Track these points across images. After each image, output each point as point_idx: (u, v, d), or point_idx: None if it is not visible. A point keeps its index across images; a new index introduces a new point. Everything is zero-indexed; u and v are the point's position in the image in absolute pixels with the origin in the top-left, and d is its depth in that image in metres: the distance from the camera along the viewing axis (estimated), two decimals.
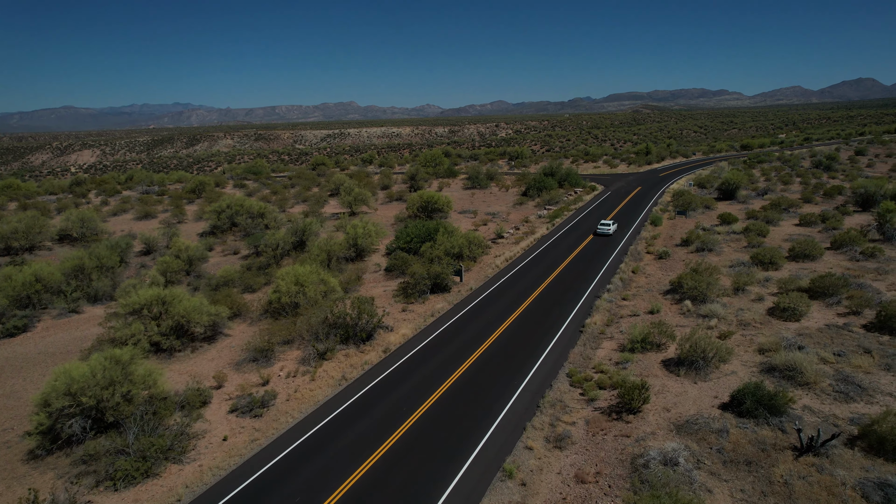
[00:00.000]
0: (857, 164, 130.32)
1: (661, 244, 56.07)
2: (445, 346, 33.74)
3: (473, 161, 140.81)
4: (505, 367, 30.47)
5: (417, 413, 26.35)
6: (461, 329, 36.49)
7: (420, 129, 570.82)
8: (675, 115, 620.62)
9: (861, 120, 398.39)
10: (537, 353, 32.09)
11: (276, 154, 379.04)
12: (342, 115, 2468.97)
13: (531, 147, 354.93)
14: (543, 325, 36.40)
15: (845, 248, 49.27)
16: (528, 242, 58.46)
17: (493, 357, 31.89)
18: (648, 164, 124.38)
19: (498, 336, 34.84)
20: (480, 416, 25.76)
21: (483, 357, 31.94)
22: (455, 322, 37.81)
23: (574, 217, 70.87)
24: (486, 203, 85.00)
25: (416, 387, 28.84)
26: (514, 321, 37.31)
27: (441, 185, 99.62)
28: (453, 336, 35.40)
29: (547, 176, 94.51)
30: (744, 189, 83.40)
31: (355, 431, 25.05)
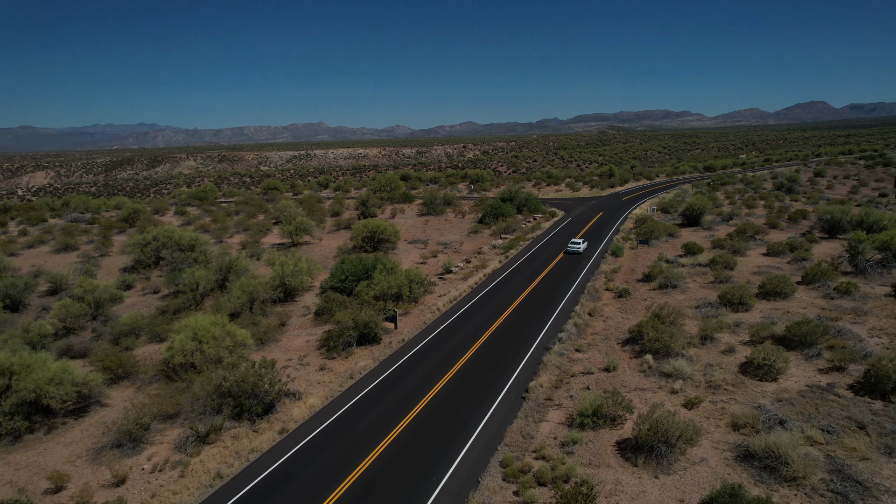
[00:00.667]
0: (817, 186, 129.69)
1: (621, 279, 51.17)
2: (356, 423, 27.61)
3: (433, 185, 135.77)
4: (424, 457, 24.46)
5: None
6: (381, 397, 30.41)
7: (387, 151, 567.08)
8: (639, 135, 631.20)
9: (815, 141, 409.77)
10: (467, 433, 26.20)
11: (237, 176, 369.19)
12: (311, 135, 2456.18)
13: (497, 168, 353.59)
14: (479, 390, 30.58)
15: (817, 283, 45.11)
16: (477, 278, 52.95)
17: (413, 440, 25.89)
18: (612, 188, 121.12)
19: (423, 408, 28.87)
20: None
21: (400, 440, 25.91)
22: (376, 387, 31.71)
23: (530, 247, 65.79)
24: (439, 231, 79.53)
25: (307, 488, 22.60)
26: (447, 385, 31.42)
27: (394, 211, 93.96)
28: (369, 407, 29.30)
29: (504, 202, 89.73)
30: (708, 214, 79.94)
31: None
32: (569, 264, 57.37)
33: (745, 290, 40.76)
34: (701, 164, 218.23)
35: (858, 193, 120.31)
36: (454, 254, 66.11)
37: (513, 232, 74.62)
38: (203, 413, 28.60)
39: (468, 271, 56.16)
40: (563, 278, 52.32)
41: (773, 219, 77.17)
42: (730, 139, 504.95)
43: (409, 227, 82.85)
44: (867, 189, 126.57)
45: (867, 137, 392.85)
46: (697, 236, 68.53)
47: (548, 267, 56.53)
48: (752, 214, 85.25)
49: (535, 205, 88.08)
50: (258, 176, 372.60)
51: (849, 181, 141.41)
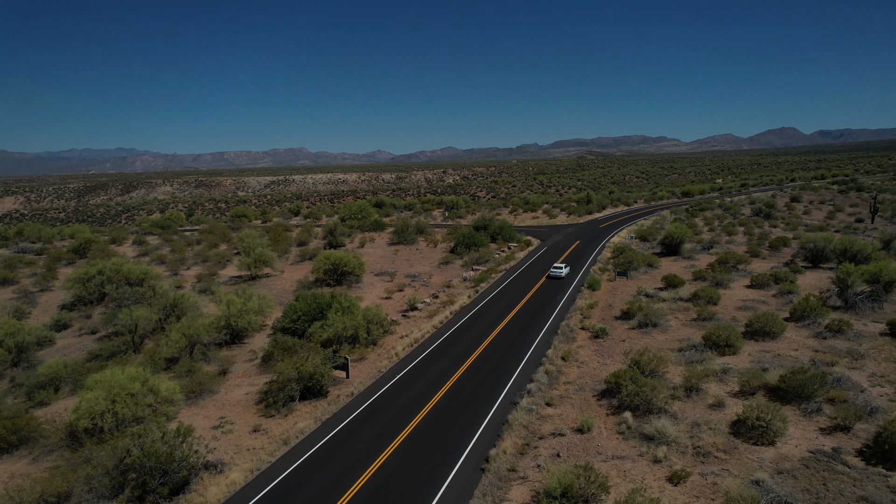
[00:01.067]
0: (794, 212, 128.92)
1: (598, 316, 47.39)
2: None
3: (408, 211, 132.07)
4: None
5: None
6: (317, 468, 25.85)
7: (367, 176, 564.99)
8: (618, 160, 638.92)
9: (788, 166, 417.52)
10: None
11: (212, 202, 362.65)
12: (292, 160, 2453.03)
13: (477, 193, 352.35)
14: (433, 459, 26.19)
15: (807, 320, 41.83)
16: (444, 316, 48.77)
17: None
18: (589, 214, 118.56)
19: (364, 483, 24.35)
20: None
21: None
22: (314, 455, 27.12)
23: (503, 280, 61.95)
24: (409, 262, 75.41)
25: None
26: (396, 451, 26.98)
27: (364, 240, 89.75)
28: (300, 483, 24.71)
29: (478, 230, 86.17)
30: (688, 242, 77.24)
31: None
32: (542, 299, 53.57)
33: (732, 331, 37.17)
34: (678, 188, 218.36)
35: (835, 219, 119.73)
36: (422, 287, 61.96)
37: (485, 263, 70.82)
38: (98, 497, 23.74)
39: (434, 308, 51.95)
40: (536, 315, 48.38)
41: (755, 247, 74.73)
42: (706, 164, 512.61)
43: (377, 258, 78.65)
44: (843, 214, 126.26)
45: (837, 163, 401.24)
46: (678, 266, 65.44)
47: (520, 302, 52.62)
48: (733, 242, 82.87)
49: (509, 233, 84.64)
50: (234, 201, 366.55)
51: (825, 206, 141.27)
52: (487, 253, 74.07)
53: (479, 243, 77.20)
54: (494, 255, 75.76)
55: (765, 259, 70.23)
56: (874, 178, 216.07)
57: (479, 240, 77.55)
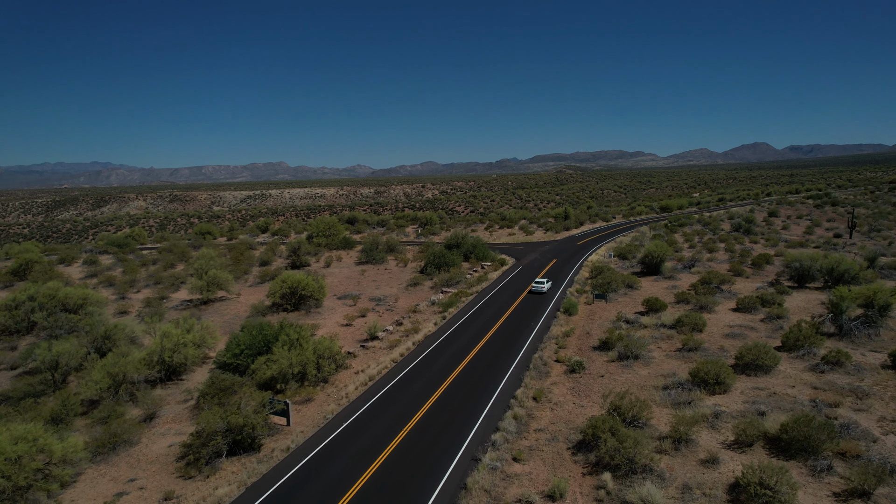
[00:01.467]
0: (773, 227, 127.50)
1: (574, 346, 43.23)
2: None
3: (381, 228, 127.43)
4: None
5: None
6: None
7: (345, 190, 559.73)
8: (596, 175, 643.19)
9: (763, 180, 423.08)
10: None
11: (185, 217, 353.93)
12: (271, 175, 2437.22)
13: (455, 208, 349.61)
14: None
15: (801, 350, 38.19)
16: (406, 347, 44.15)
17: None
18: (567, 230, 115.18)
19: None
20: None
21: None
22: None
23: (473, 304, 57.59)
24: (375, 283, 70.73)
25: None
26: None
27: (329, 259, 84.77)
28: None
29: (450, 249, 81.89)
30: (669, 260, 73.93)
31: None
32: (515, 326, 49.28)
33: (722, 367, 33.21)
34: (656, 202, 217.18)
35: (813, 234, 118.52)
36: (386, 312, 57.29)
37: (456, 284, 66.47)
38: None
39: (396, 338, 47.30)
40: (507, 345, 44.03)
41: (737, 265, 71.72)
42: (682, 178, 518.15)
43: (342, 279, 73.83)
44: (821, 229, 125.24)
45: (809, 177, 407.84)
46: (659, 287, 61.84)
47: (490, 329, 48.25)
48: (714, 259, 79.90)
49: (483, 252, 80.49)
50: (207, 216, 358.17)
51: (802, 221, 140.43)
52: (459, 273, 69.76)
53: (451, 263, 72.88)
54: (467, 275, 71.47)
55: (748, 278, 67.17)
56: (846, 193, 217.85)
57: (451, 259, 73.24)
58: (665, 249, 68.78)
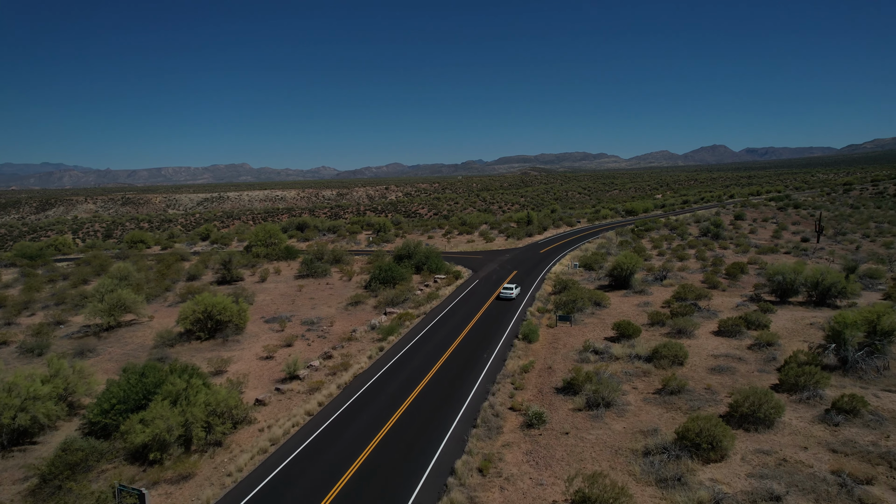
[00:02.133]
0: (741, 231, 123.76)
1: (532, 387, 35.68)
2: None
3: (331, 234, 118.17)
4: None
5: None
6: None
7: (307, 192, 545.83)
8: (560, 176, 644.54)
9: (723, 182, 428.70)
10: None
11: (135, 221, 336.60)
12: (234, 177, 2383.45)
13: (419, 210, 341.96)
14: None
15: (805, 392, 31.57)
16: (329, 391, 35.89)
17: None
18: (529, 236, 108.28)
19: None
20: None
21: None
22: None
23: (419, 329, 49.59)
24: (313, 301, 62.08)
25: None
26: None
27: (265, 273, 75.51)
28: None
29: (401, 260, 73.87)
30: (639, 271, 67.50)
31: None
32: (464, 360, 41.49)
33: (716, 424, 26.04)
34: (620, 204, 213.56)
35: (781, 238, 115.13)
36: (318, 340, 48.80)
37: (402, 303, 58.40)
38: None
39: (320, 378, 38.95)
40: (453, 387, 36.16)
41: (711, 276, 65.85)
42: (645, 180, 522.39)
43: (276, 297, 64.92)
44: (788, 233, 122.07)
45: (766, 179, 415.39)
46: (630, 304, 55.07)
47: (435, 365, 40.32)
48: (686, 269, 73.98)
49: (436, 263, 72.61)
50: (158, 221, 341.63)
51: (768, 224, 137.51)
52: (407, 289, 61.72)
53: (399, 277, 64.75)
54: (416, 291, 63.46)
55: (725, 291, 61.19)
56: (804, 195, 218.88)
57: (399, 273, 65.09)
58: (634, 261, 62.17)
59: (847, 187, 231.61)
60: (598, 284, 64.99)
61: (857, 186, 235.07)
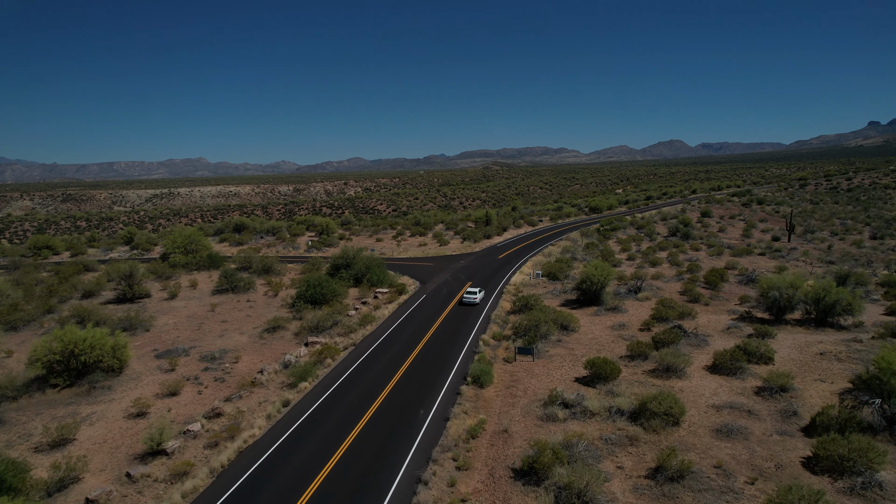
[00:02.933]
0: (710, 229, 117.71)
1: (481, 470, 25.97)
2: None
3: (270, 237, 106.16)
4: None
5: None
6: None
7: (262, 188, 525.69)
8: (522, 171, 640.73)
9: (681, 176, 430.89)
10: None
11: (71, 220, 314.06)
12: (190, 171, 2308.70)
13: (377, 207, 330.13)
14: None
15: (859, 475, 22.89)
16: (202, 478, 25.43)
17: None
18: (488, 238, 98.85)
19: None
20: None
21: None
22: None
23: (342, 369, 39.30)
24: (223, 326, 51.05)
25: None
26: None
27: (176, 288, 63.60)
28: None
29: (338, 270, 63.44)
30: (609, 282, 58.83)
31: None
32: (392, 422, 31.45)
33: None
34: (583, 199, 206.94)
35: (752, 237, 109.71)
36: (213, 384, 38.03)
37: (331, 328, 48.00)
38: None
39: (194, 454, 28.36)
40: (372, 473, 26.12)
41: (690, 285, 57.96)
42: (605, 174, 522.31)
43: (182, 319, 53.58)
44: (757, 231, 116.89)
45: (724, 173, 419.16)
46: (603, 327, 46.10)
47: (352, 433, 30.06)
48: (661, 277, 65.86)
49: (378, 275, 62.30)
50: (97, 220, 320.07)
51: (736, 221, 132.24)
52: (340, 309, 51.40)
53: (331, 294, 54.28)
54: (351, 311, 53.11)
55: (709, 305, 53.13)
56: (763, 189, 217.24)
57: (330, 289, 54.59)
58: (605, 272, 53.22)
59: (802, 182, 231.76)
60: (565, 299, 55.96)
61: (811, 181, 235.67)
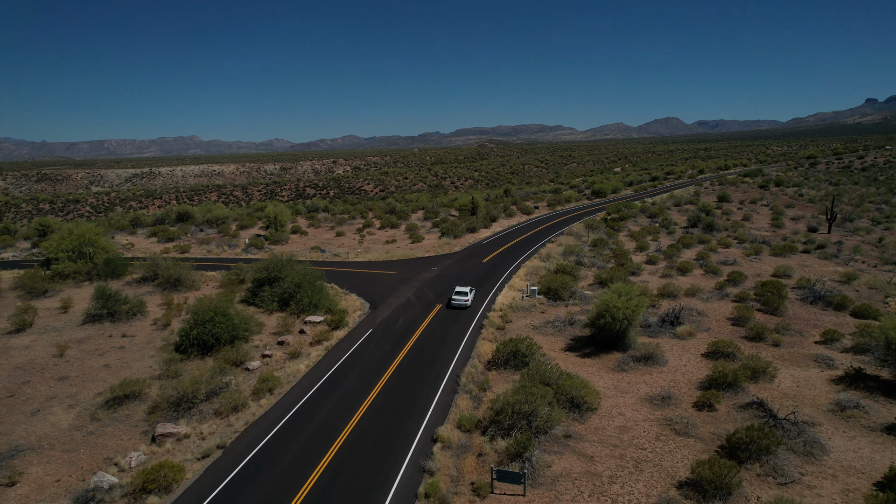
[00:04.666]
0: (732, 217, 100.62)
1: None
2: None
3: (211, 230, 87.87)
4: None
5: None
6: None
7: (247, 167, 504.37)
8: (517, 149, 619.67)
9: (680, 154, 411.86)
10: None
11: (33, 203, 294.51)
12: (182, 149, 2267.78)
13: (364, 187, 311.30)
14: None
15: None
16: None
17: None
18: (472, 232, 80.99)
19: None
20: None
21: None
22: None
23: (208, 488, 22.29)
24: (57, 388, 33.62)
25: None
26: None
27: (26, 317, 45.68)
28: None
29: (261, 287, 46.03)
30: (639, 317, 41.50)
31: None
32: None
33: None
34: (582, 179, 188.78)
35: (783, 226, 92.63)
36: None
37: (204, 402, 30.53)
38: None
39: None
40: None
41: (744, 310, 41.40)
42: (602, 152, 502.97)
43: (6, 372, 36.09)
44: (786, 219, 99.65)
45: (723, 151, 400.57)
46: (635, 401, 28.83)
47: None
48: (698, 293, 48.80)
49: (311, 296, 44.62)
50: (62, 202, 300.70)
51: (759, 207, 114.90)
52: (239, 357, 34.10)
53: (228, 334, 36.77)
54: (254, 360, 35.68)
55: (780, 347, 36.20)
56: (773, 169, 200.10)
57: (228, 327, 37.01)
58: (633, 302, 35.73)
59: (812, 161, 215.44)
60: (572, 336, 38.72)
61: (821, 160, 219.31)
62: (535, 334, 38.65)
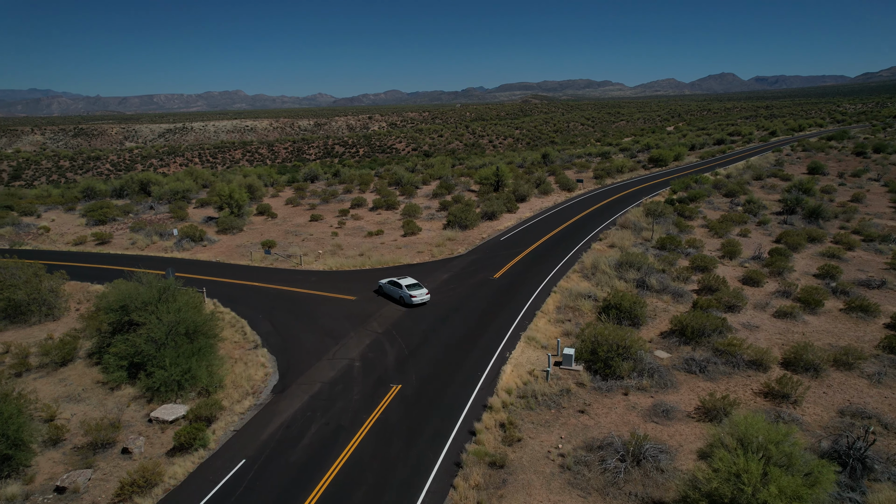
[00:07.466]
0: (834, 195, 76.58)
1: None
2: None
3: (161, 207, 69.42)
4: None
5: None
6: None
7: (280, 123, 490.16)
8: (562, 105, 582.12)
9: (739, 112, 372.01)
10: None
11: (65, 159, 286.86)
12: (228, 104, 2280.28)
13: (395, 145, 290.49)
14: None
15: None
16: None
17: None
18: (490, 220, 60.03)
19: None
20: None
21: None
22: None
23: None
24: None
25: None
26: None
27: None
28: None
29: (114, 336, 27.54)
30: None
31: None
32: None
33: None
34: (633, 139, 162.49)
35: None
36: None
37: None
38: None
39: None
40: None
41: None
42: (652, 109, 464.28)
43: None
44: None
45: (787, 109, 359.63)
46: None
47: None
48: (858, 361, 27.61)
49: (189, 361, 25.44)
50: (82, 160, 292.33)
51: (865, 181, 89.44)
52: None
53: None
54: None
55: None
56: (854, 129, 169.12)
57: None
58: (794, 486, 15.49)
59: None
60: (640, 497, 18.81)
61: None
62: (565, 496, 18.82)
